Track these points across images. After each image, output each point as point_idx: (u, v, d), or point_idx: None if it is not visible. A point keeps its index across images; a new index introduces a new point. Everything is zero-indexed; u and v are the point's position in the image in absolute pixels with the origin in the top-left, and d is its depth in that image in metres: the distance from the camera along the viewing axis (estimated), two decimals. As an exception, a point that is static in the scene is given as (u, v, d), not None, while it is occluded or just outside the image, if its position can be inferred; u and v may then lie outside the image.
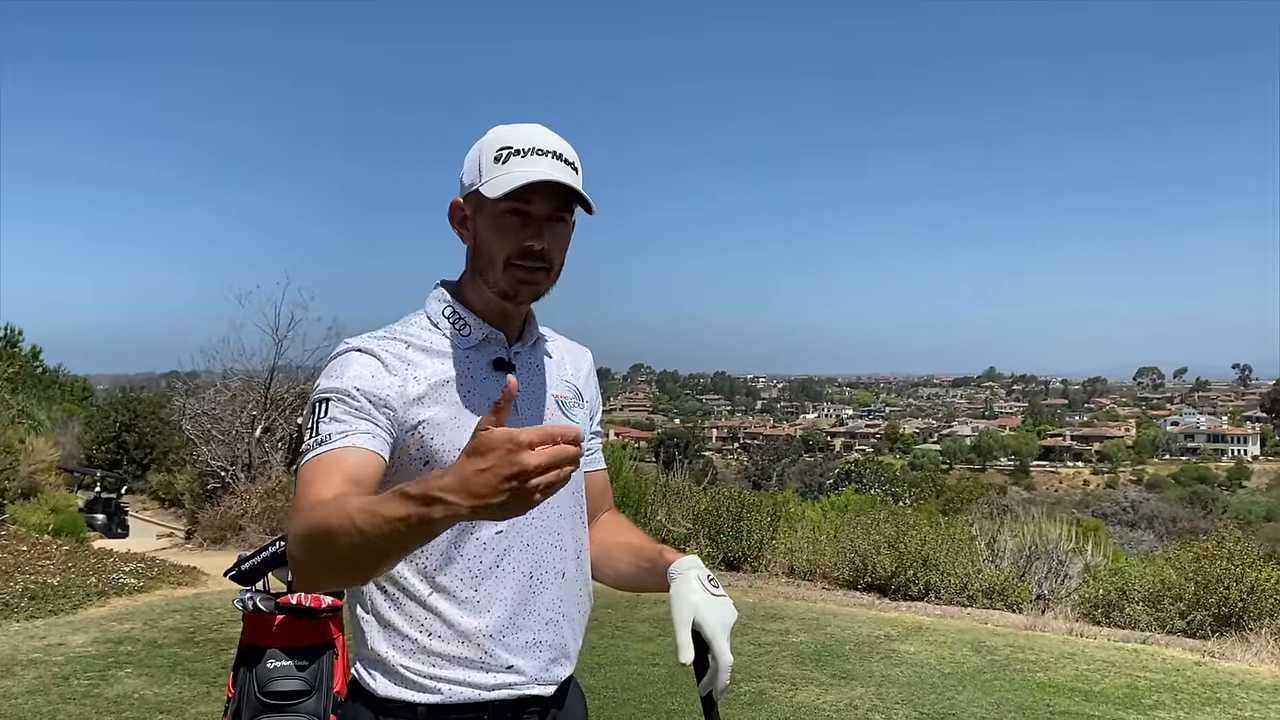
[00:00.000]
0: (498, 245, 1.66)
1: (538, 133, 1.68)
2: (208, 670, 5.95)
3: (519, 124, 1.70)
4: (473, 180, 1.68)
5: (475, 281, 1.73)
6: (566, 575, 1.76)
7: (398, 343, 1.69)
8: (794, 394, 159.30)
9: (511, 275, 1.67)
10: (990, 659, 6.63)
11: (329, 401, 1.60)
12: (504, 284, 1.68)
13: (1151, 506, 40.82)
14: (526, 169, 1.63)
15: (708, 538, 10.68)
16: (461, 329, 1.73)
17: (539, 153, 1.65)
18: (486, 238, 1.68)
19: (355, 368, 1.63)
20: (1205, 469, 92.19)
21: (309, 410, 1.64)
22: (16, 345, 27.21)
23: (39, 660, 6.04)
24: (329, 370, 1.66)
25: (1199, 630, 7.93)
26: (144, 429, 24.39)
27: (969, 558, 9.70)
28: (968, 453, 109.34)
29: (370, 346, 1.66)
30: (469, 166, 1.71)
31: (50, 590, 7.80)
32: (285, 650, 3.42)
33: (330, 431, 1.57)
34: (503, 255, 1.66)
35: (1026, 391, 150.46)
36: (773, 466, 75.11)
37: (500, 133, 1.68)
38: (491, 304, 1.73)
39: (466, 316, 1.74)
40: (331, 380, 1.63)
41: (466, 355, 1.72)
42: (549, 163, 1.65)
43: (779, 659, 6.50)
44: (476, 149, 1.70)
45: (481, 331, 1.73)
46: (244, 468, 15.21)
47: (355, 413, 1.59)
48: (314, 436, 1.59)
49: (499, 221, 1.66)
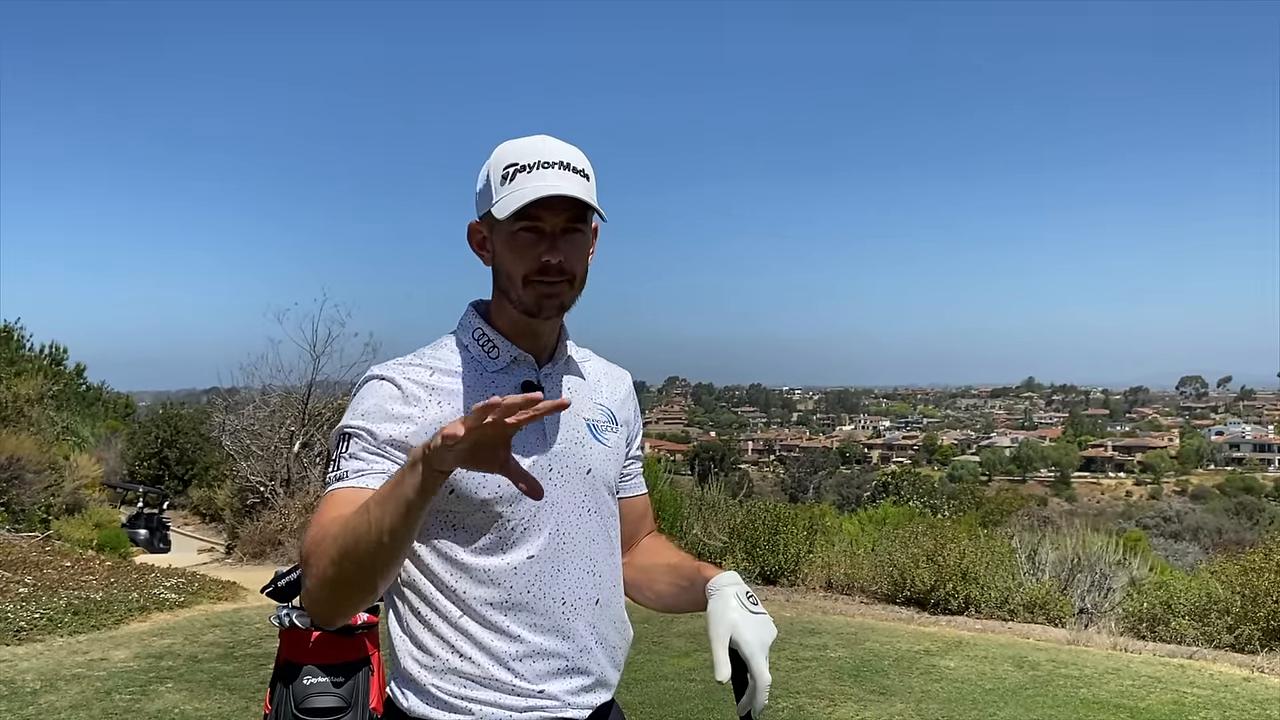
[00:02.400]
0: (515, 264, 1.65)
1: (543, 145, 1.65)
2: (247, 685, 5.99)
3: (525, 137, 1.67)
4: (485, 202, 1.67)
5: (501, 302, 1.72)
6: (600, 602, 1.74)
7: (423, 369, 1.69)
8: (830, 406, 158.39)
9: (533, 291, 1.66)
10: (1032, 674, 6.53)
11: (350, 437, 1.63)
12: (527, 301, 1.67)
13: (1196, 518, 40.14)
14: (534, 184, 1.61)
15: (744, 551, 10.63)
16: (490, 351, 1.72)
17: (545, 165, 1.62)
18: (504, 258, 1.67)
19: (375, 399, 1.65)
20: (1251, 479, 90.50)
21: (334, 442, 1.67)
22: (61, 363, 27.64)
23: (81, 675, 6.11)
24: (353, 398, 1.68)
25: (1247, 645, 7.78)
26: (185, 445, 24.67)
27: (1009, 571, 9.58)
28: (1007, 464, 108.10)
29: (392, 374, 1.66)
30: (480, 188, 1.69)
31: (93, 605, 7.90)
32: (322, 667, 3.44)
33: (349, 469, 1.60)
34: (520, 274, 1.65)
35: (1066, 402, 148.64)
36: (809, 479, 74.74)
37: (506, 149, 1.66)
38: (519, 323, 1.71)
39: (495, 338, 1.72)
40: (354, 414, 1.65)
41: (494, 378, 1.71)
42: (556, 174, 1.62)
43: (817, 674, 6.45)
44: (485, 169, 1.68)
45: (510, 354, 1.72)
46: (283, 483, 15.36)
47: (373, 450, 1.61)
48: (334, 470, 1.62)
49: (513, 240, 1.64)
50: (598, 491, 1.76)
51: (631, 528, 1.90)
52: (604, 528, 1.77)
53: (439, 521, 1.65)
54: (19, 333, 26.09)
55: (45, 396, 20.51)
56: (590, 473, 1.74)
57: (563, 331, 1.79)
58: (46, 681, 5.94)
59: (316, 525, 1.55)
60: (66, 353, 27.96)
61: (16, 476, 14.44)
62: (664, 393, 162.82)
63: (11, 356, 24.34)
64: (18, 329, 26.07)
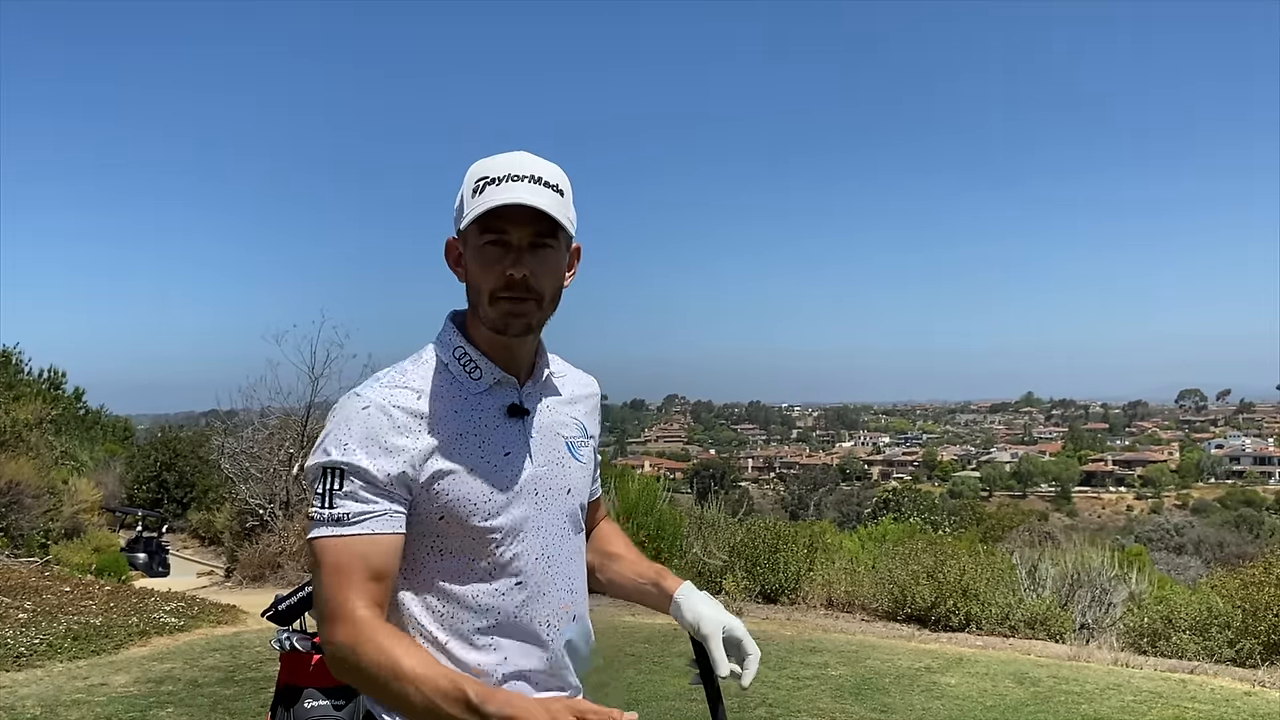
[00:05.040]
0: (482, 278, 1.63)
1: (517, 159, 1.63)
2: (248, 709, 5.98)
3: (501, 153, 1.65)
4: (459, 217, 1.65)
5: (474, 319, 1.69)
6: (576, 617, 1.78)
7: (409, 392, 1.64)
8: (830, 422, 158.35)
9: (499, 308, 1.63)
10: (1033, 691, 6.52)
11: (343, 474, 1.58)
12: (494, 317, 1.64)
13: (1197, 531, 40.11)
14: (500, 196, 1.58)
15: (744, 570, 10.61)
16: (472, 372, 1.69)
17: (515, 178, 1.60)
18: (472, 272, 1.65)
19: (364, 428, 1.59)
20: (1252, 492, 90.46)
21: (319, 473, 1.60)
22: (60, 387, 27.64)
23: (82, 700, 6.10)
24: (336, 424, 1.62)
25: (1248, 659, 7.77)
26: (184, 468, 24.66)
27: (1010, 587, 9.57)
28: (1008, 479, 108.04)
29: (381, 402, 1.61)
30: (457, 205, 1.67)
31: (93, 630, 7.88)
32: (322, 690, 3.44)
33: (348, 511, 1.57)
34: (488, 288, 1.62)
35: (1066, 416, 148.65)
36: (810, 496, 74.68)
37: (480, 164, 1.64)
38: (494, 341, 1.69)
39: (476, 358, 1.69)
40: (340, 445, 1.59)
41: (479, 401, 1.68)
42: (525, 187, 1.59)
43: (818, 693, 6.44)
44: (462, 185, 1.66)
45: (493, 375, 1.69)
46: (282, 505, 15.34)
47: (371, 488, 1.58)
48: (327, 508, 1.58)
49: (480, 254, 1.62)
50: (575, 509, 1.78)
51: (591, 520, 1.99)
52: (579, 543, 1.81)
53: (425, 547, 1.65)
54: (18, 357, 26.12)
55: (44, 421, 20.47)
56: (569, 492, 1.76)
57: (540, 347, 1.77)
58: (47, 708, 5.93)
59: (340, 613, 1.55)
60: (65, 377, 27.99)
61: (15, 501, 14.43)
62: (663, 411, 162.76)
63: (10, 381, 24.31)
64: (16, 353, 26.10)
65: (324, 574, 1.56)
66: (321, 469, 1.60)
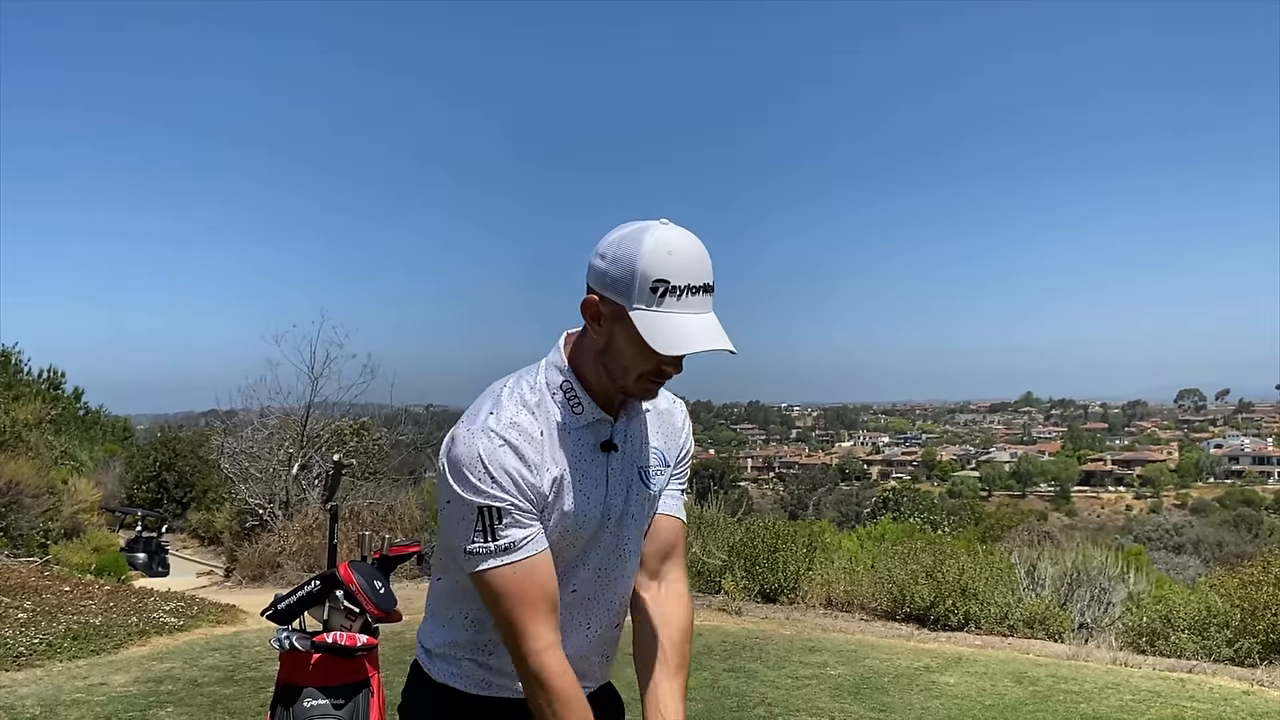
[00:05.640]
0: (637, 362, 1.71)
1: (691, 260, 1.66)
2: (247, 709, 5.99)
3: (670, 240, 1.66)
4: (621, 293, 1.66)
5: (599, 370, 1.78)
6: (618, 625, 1.98)
7: (535, 422, 1.75)
8: (829, 422, 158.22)
9: (642, 387, 1.76)
10: (1032, 690, 6.54)
11: (499, 511, 1.69)
12: (633, 391, 1.77)
13: (1196, 531, 40.15)
14: (685, 318, 1.65)
15: (743, 569, 10.62)
16: (575, 407, 1.79)
17: (692, 290, 1.65)
18: (625, 351, 1.71)
19: (510, 466, 1.70)
20: (1251, 492, 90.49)
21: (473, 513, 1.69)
22: (59, 387, 27.64)
23: (81, 700, 6.10)
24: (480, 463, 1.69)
25: (1247, 659, 7.78)
26: (183, 468, 24.65)
27: (1009, 586, 9.58)
28: (1007, 479, 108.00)
29: (515, 440, 1.71)
30: (617, 274, 1.66)
31: (92, 630, 7.89)
32: (322, 689, 3.45)
33: (516, 538, 1.71)
34: (638, 371, 1.72)
35: (1065, 416, 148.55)
36: (809, 496, 74.76)
37: (657, 258, 1.64)
38: (607, 393, 1.80)
39: (583, 398, 1.79)
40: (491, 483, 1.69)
41: (579, 435, 1.80)
42: (700, 301, 1.66)
43: (817, 692, 6.45)
44: (628, 263, 1.65)
45: (593, 414, 1.80)
46: (281, 505, 15.35)
47: (526, 515, 1.72)
48: (491, 540, 1.70)
49: (643, 348, 1.67)
50: (636, 534, 1.92)
51: (661, 546, 1.99)
52: (635, 563, 1.95)
53: None
54: (17, 357, 26.13)
55: (43, 421, 20.49)
56: (633, 516, 1.88)
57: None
58: (46, 707, 5.93)
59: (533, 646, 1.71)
60: (65, 376, 28.00)
61: (15, 501, 14.43)
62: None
63: (9, 381, 24.32)
64: (15, 353, 26.11)
65: (506, 604, 1.71)
66: (475, 509, 1.70)
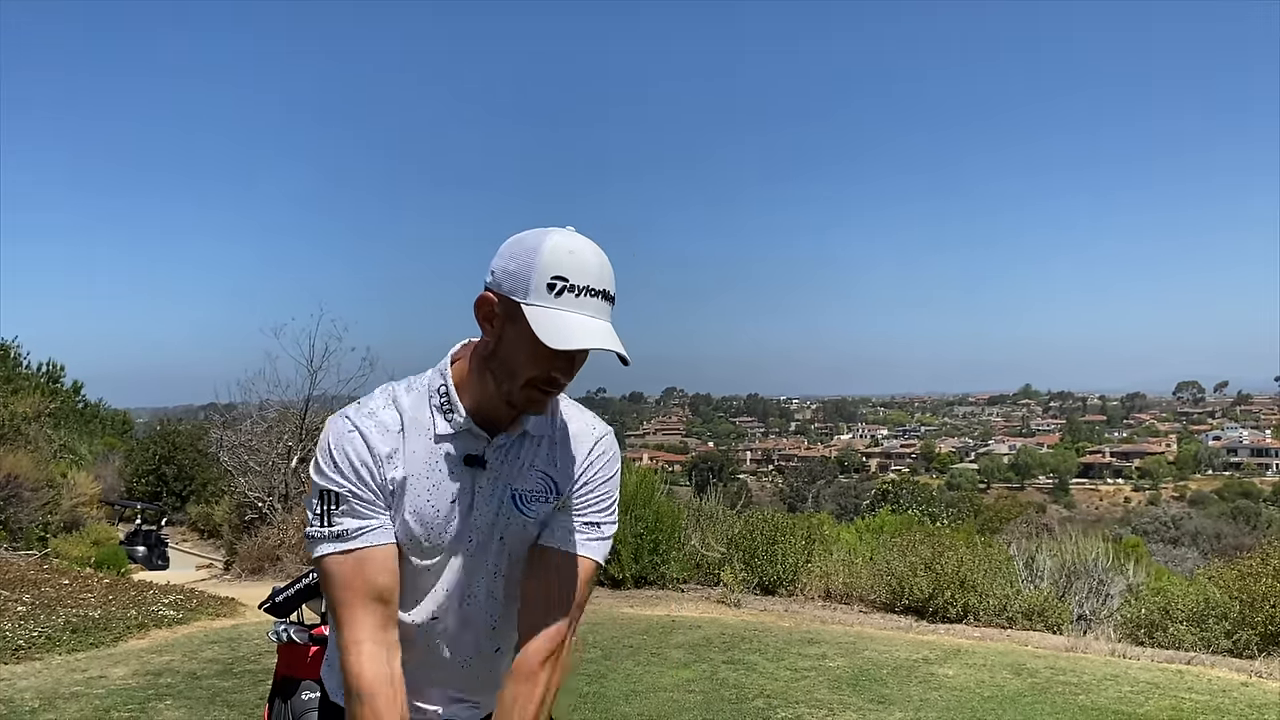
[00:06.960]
0: (525, 367, 1.63)
1: (591, 263, 1.61)
2: (247, 701, 5.99)
3: (572, 242, 1.62)
4: (515, 288, 1.60)
5: (483, 376, 1.70)
6: (500, 650, 1.87)
7: (397, 418, 1.72)
8: (828, 415, 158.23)
9: (529, 395, 1.67)
10: (1031, 681, 6.54)
11: (337, 495, 1.68)
12: (517, 399, 1.67)
13: (1194, 523, 40.29)
14: (579, 317, 1.58)
15: (742, 561, 10.63)
16: (447, 415, 1.73)
17: (591, 292, 1.60)
18: (513, 353, 1.63)
19: (354, 452, 1.69)
20: (1249, 484, 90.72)
21: (317, 494, 1.70)
22: (58, 380, 27.66)
23: (80, 693, 6.10)
24: (328, 447, 1.70)
25: (1245, 650, 7.80)
26: (183, 461, 24.66)
27: (1007, 578, 9.60)
28: (1005, 471, 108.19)
29: (366, 429, 1.70)
30: (513, 269, 1.61)
31: (91, 623, 7.89)
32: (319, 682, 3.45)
33: (349, 527, 1.68)
34: (526, 376, 1.64)
35: (1064, 408, 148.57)
36: (808, 488, 74.76)
37: (556, 256, 1.59)
38: (491, 403, 1.71)
39: (455, 405, 1.72)
40: (334, 468, 1.69)
41: (444, 444, 1.73)
42: (598, 306, 1.60)
43: (815, 684, 6.45)
44: (527, 258, 1.60)
45: (465, 424, 1.72)
46: (280, 498, 15.35)
47: (366, 505, 1.69)
48: (326, 525, 1.69)
49: (534, 349, 1.60)
50: (510, 557, 1.80)
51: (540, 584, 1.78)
52: (509, 584, 1.82)
53: None
54: (16, 350, 26.13)
55: (43, 414, 20.50)
56: (503, 539, 1.79)
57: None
58: (45, 700, 5.93)
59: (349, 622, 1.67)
60: (64, 370, 28.03)
61: (14, 495, 14.42)
62: (661, 403, 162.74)
63: (9, 374, 24.35)
64: (14, 346, 26.11)
65: (330, 592, 1.70)
66: (317, 492, 1.71)
